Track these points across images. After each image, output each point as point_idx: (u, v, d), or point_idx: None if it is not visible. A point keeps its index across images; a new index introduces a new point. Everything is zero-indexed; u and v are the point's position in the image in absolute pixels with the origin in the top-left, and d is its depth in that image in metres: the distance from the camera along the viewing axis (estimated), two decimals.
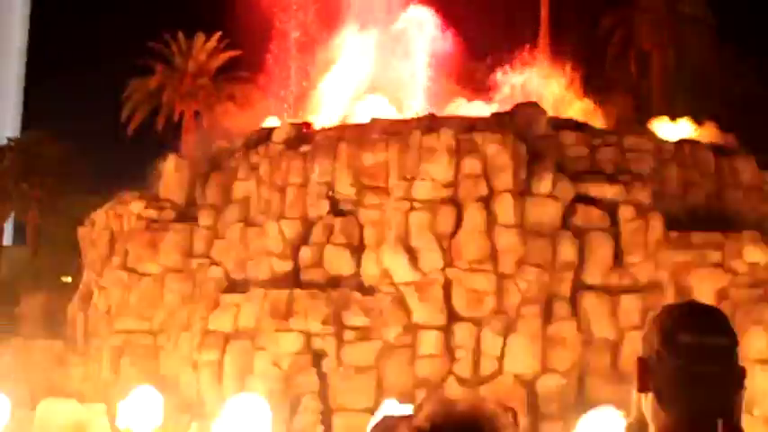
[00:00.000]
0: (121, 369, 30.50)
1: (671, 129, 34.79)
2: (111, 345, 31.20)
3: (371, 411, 26.16)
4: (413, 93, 36.01)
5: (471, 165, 28.59)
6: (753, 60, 39.55)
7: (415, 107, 33.98)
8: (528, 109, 31.25)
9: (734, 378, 3.34)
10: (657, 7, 45.17)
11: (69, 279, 40.89)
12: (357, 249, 29.13)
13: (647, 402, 3.36)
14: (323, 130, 32.70)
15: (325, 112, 35.42)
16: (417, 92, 36.06)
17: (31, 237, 51.82)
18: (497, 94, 35.08)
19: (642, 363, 3.38)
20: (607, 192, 29.22)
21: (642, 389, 3.37)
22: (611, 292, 28.29)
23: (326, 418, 27.28)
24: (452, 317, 27.79)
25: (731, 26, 42.91)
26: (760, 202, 31.97)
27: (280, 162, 31.17)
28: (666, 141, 32.48)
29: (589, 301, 28.19)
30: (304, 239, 29.83)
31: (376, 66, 36.38)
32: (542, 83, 35.86)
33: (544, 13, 44.37)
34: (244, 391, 27.28)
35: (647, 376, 3.35)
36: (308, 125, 33.06)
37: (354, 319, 27.90)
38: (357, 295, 28.31)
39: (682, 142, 32.56)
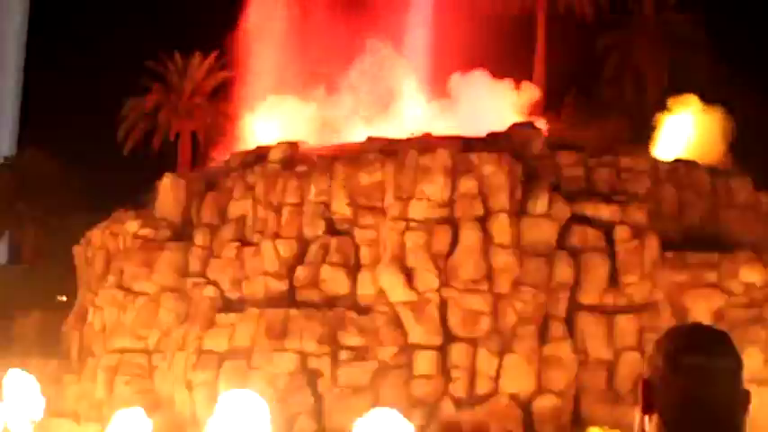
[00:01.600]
0: (116, 388, 30.40)
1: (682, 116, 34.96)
2: (105, 364, 31.11)
3: None
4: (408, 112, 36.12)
5: (467, 185, 28.59)
6: (750, 82, 39.62)
7: (411, 127, 33.98)
8: (524, 129, 31.29)
9: (738, 401, 3.33)
10: (654, 29, 45.35)
11: (65, 298, 40.77)
12: (353, 269, 29.10)
13: (651, 424, 3.34)
14: (319, 149, 32.73)
15: (321, 131, 35.50)
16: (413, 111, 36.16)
17: (26, 255, 51.74)
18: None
19: (646, 384, 3.36)
20: (603, 212, 29.22)
21: (646, 411, 3.35)
22: (607, 312, 28.28)
23: None
24: (448, 337, 27.74)
25: (728, 48, 43.05)
26: (755, 222, 31.98)
27: (275, 182, 31.17)
28: (662, 162, 32.51)
29: (585, 321, 28.16)
30: (299, 259, 29.81)
31: (372, 86, 36.51)
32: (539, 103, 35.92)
33: (540, 34, 44.48)
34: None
35: (651, 398, 3.34)
36: (304, 143, 33.08)
37: (350, 338, 27.86)
38: (353, 315, 28.29)
39: (677, 162, 32.60)
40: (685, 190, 31.62)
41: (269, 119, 36.70)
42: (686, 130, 35.24)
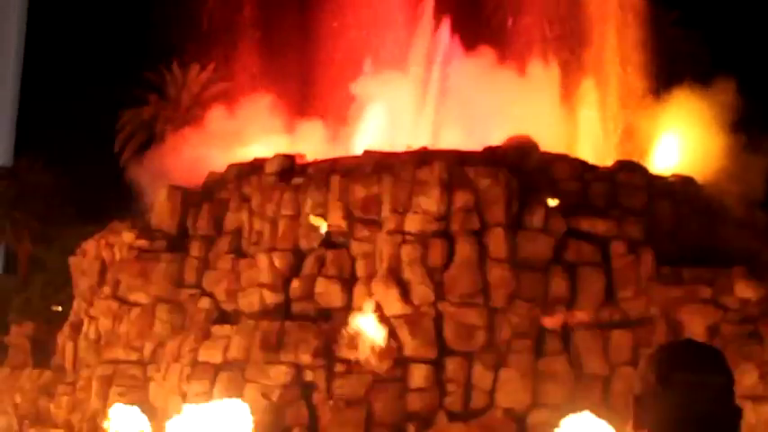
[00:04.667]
0: (110, 399, 30.31)
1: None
2: (100, 374, 31.04)
3: None
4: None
5: (463, 198, 28.58)
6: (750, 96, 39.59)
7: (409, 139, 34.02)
8: (520, 143, 31.28)
9: (730, 418, 3.33)
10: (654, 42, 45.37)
11: (60, 308, 40.73)
12: (348, 282, 29.05)
13: None
14: (315, 162, 32.74)
15: (318, 143, 35.53)
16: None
17: (22, 265, 51.71)
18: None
19: (638, 400, 3.36)
20: (599, 227, 29.22)
21: (638, 426, 3.35)
22: (603, 327, 28.25)
23: None
24: (443, 350, 27.69)
25: (726, 61, 43.12)
26: (751, 237, 32.00)
27: (272, 194, 31.13)
28: (658, 176, 32.53)
29: (580, 336, 28.14)
30: (295, 271, 29.77)
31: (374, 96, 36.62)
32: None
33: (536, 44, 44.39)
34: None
35: (643, 414, 3.33)
36: (300, 157, 33.08)
37: (345, 351, 27.79)
38: (348, 328, 28.21)
39: (674, 177, 32.62)
40: (682, 205, 31.64)
41: (267, 130, 36.77)
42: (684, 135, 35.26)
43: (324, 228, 29.93)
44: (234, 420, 25.63)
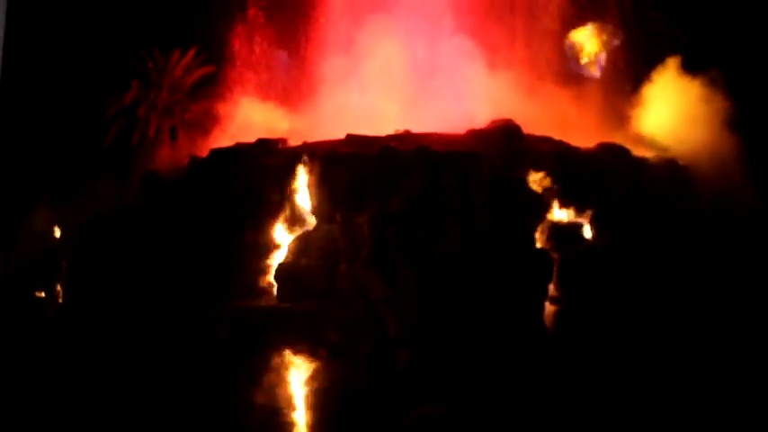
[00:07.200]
0: None
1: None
2: None
3: None
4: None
5: (447, 180, 28.62)
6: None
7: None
8: (504, 125, 31.31)
9: None
10: (630, 25, 45.53)
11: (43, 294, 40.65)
12: (333, 264, 29.04)
13: None
14: (299, 145, 32.74)
15: (301, 127, 35.56)
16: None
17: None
18: None
19: None
20: (580, 210, 29.49)
21: None
22: None
23: None
24: (427, 332, 27.72)
25: (702, 45, 43.33)
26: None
27: (255, 178, 31.09)
28: (641, 158, 32.52)
29: None
30: (280, 254, 29.83)
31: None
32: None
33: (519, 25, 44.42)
34: None
35: None
36: (283, 141, 33.09)
37: (329, 334, 27.83)
38: (332, 310, 28.20)
39: (656, 159, 32.56)
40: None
41: (250, 116, 36.84)
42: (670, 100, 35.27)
43: (308, 210, 30.09)
44: None
